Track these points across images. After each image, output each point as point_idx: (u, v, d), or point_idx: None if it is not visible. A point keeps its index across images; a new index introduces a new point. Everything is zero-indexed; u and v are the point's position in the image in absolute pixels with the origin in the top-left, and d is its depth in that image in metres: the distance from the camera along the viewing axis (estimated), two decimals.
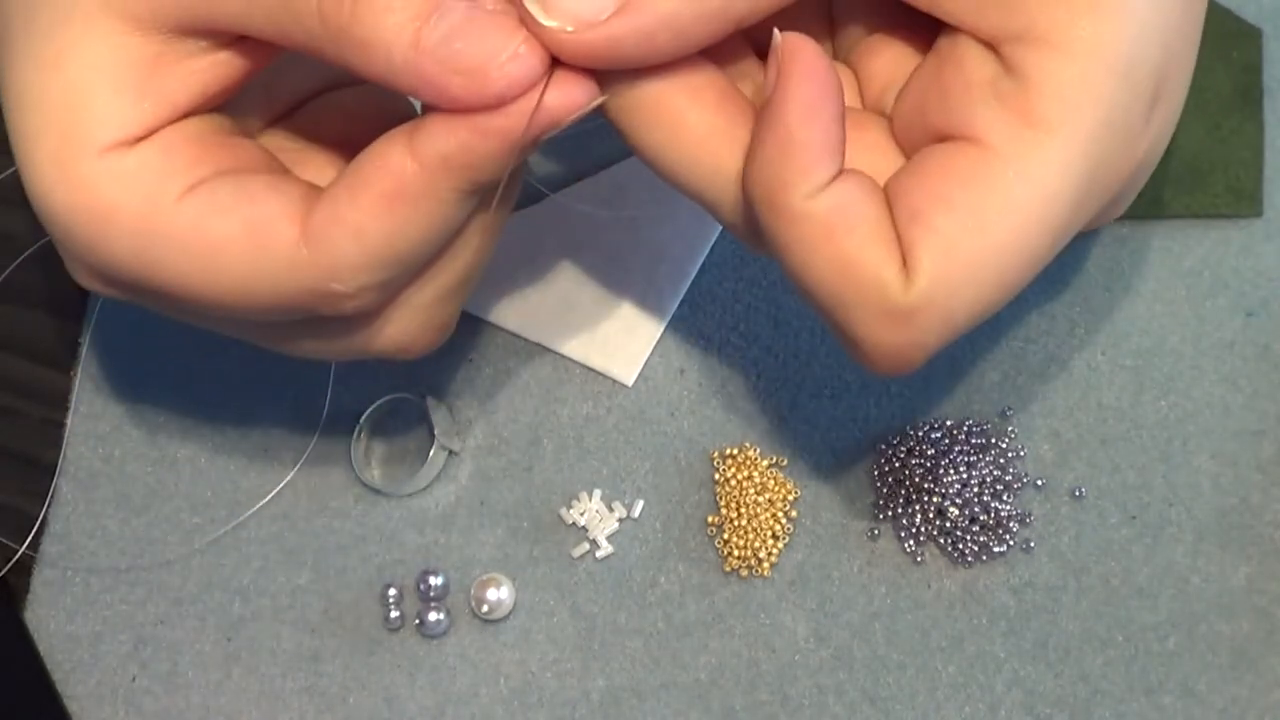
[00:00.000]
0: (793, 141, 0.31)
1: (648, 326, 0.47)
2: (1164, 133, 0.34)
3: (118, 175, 0.33)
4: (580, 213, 0.47)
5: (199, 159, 0.34)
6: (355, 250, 0.33)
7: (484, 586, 0.46)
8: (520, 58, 0.31)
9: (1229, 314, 0.45)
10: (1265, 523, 0.43)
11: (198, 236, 0.33)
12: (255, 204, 0.33)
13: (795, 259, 0.32)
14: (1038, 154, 0.31)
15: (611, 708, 0.45)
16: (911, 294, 0.31)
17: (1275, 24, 0.46)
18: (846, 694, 0.44)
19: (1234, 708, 0.43)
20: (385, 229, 0.33)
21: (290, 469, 0.47)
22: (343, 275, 0.33)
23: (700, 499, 0.46)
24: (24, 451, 0.49)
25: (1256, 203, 0.45)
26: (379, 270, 0.33)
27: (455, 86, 0.31)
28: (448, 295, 0.37)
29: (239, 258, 0.33)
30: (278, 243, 0.33)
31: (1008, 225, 0.31)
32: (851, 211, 0.31)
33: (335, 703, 0.46)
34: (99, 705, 0.47)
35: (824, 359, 0.46)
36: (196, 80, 0.34)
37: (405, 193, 0.32)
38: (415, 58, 0.31)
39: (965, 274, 0.31)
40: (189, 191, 0.33)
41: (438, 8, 0.31)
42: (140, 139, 0.33)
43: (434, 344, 0.38)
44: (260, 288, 0.33)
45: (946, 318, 0.31)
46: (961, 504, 0.44)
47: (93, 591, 0.48)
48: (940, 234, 0.31)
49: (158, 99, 0.33)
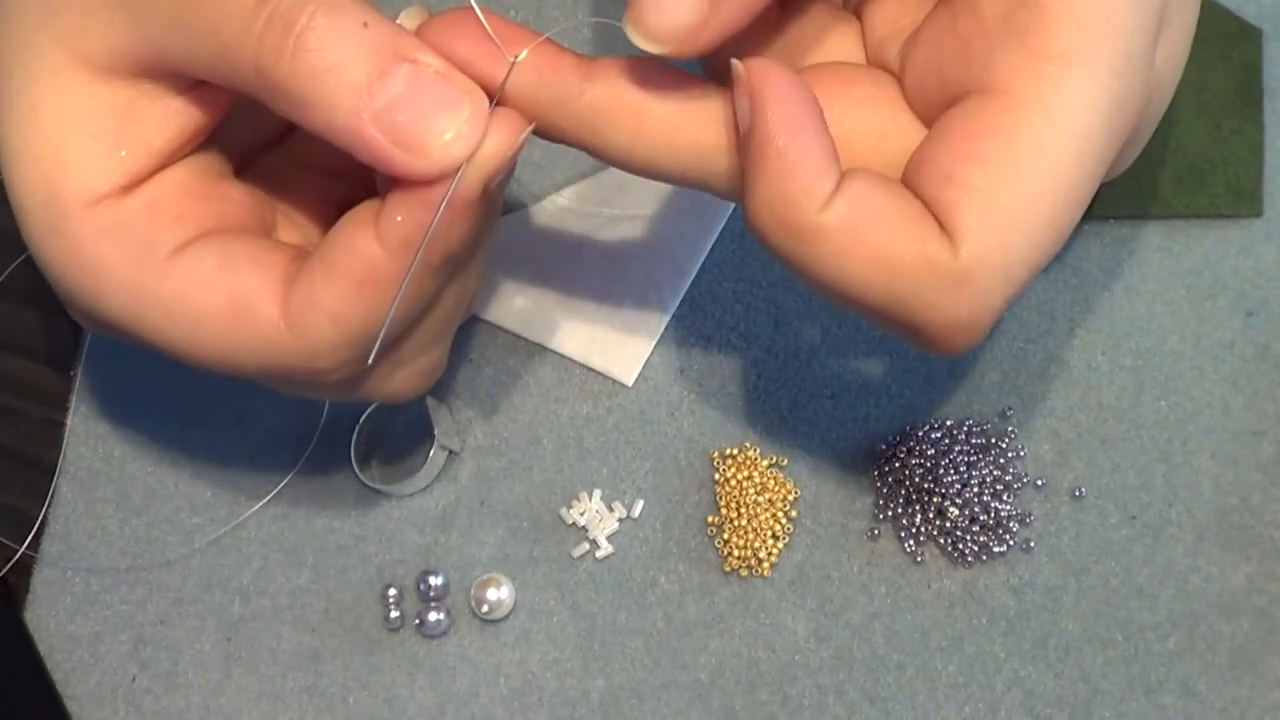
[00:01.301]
0: (788, 162, 0.30)
1: (648, 326, 0.47)
2: (1171, 64, 0.33)
3: (105, 232, 0.33)
4: (580, 213, 0.47)
5: (185, 215, 0.34)
6: (333, 334, 0.33)
7: (484, 586, 0.46)
8: (462, 136, 0.31)
9: (1229, 314, 0.45)
10: (1265, 523, 0.43)
11: (182, 306, 0.33)
12: (238, 277, 0.33)
13: (830, 273, 0.31)
14: (1062, 91, 0.30)
15: (611, 708, 0.45)
16: (962, 257, 0.30)
17: (1275, 24, 0.46)
18: (846, 694, 0.44)
19: (1234, 708, 0.43)
20: (360, 314, 0.33)
21: (290, 469, 0.47)
22: (322, 356, 0.33)
23: (700, 499, 0.46)
24: (24, 451, 0.49)
25: (1256, 203, 0.45)
26: (359, 348, 0.34)
27: (397, 160, 0.31)
28: (432, 343, 0.37)
29: (222, 330, 0.33)
30: (259, 321, 0.33)
31: (1045, 170, 0.30)
32: (870, 207, 0.30)
33: (335, 703, 0.46)
34: (99, 705, 0.47)
35: (824, 359, 0.46)
36: (171, 124, 0.34)
37: (376, 278, 0.32)
38: (357, 124, 0.30)
39: (1012, 226, 0.30)
40: (175, 254, 0.33)
41: (380, 73, 0.30)
42: (126, 188, 0.33)
43: (425, 387, 0.38)
44: (244, 359, 0.34)
45: (1005, 273, 0.31)
46: (961, 504, 0.44)
47: (93, 591, 0.48)
48: (978, 191, 0.30)
49: (134, 146, 0.33)
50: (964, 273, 0.30)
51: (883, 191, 0.31)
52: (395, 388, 0.37)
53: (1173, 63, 0.33)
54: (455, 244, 0.33)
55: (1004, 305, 0.32)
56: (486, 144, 0.31)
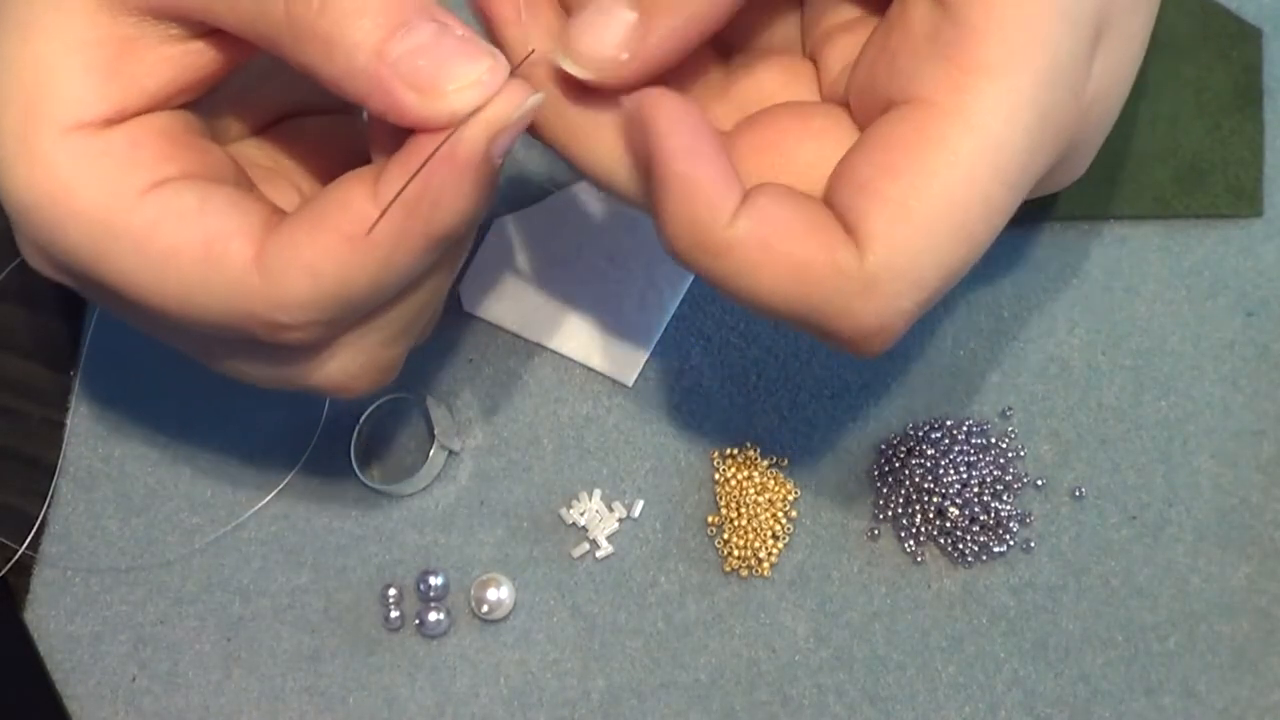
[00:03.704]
0: (689, 186, 0.31)
1: (648, 326, 0.47)
2: (1112, 81, 0.33)
3: (80, 158, 0.32)
4: (580, 212, 0.47)
5: (166, 156, 0.33)
6: (306, 287, 0.32)
7: (484, 586, 0.46)
8: (478, 85, 0.31)
9: (1229, 314, 0.45)
10: (1265, 523, 0.43)
11: (153, 239, 0.32)
12: (215, 217, 0.33)
13: (745, 285, 0.32)
14: (981, 102, 0.31)
15: (611, 708, 0.45)
16: (869, 263, 0.31)
17: (1275, 24, 0.46)
18: (846, 694, 0.44)
19: (1234, 708, 0.43)
20: (339, 271, 0.32)
21: (290, 469, 0.47)
22: (290, 308, 0.33)
23: (700, 499, 0.46)
24: (24, 451, 0.49)
25: (1256, 203, 0.45)
26: (327, 309, 0.33)
27: (408, 100, 0.31)
28: (394, 339, 0.36)
29: (190, 269, 0.32)
30: (230, 262, 0.32)
31: (958, 179, 0.31)
32: (776, 220, 0.31)
33: (335, 703, 0.46)
34: (99, 705, 0.47)
35: (824, 359, 0.46)
36: (168, 69, 0.33)
37: (363, 235, 0.32)
38: (376, 65, 0.30)
39: (921, 233, 0.31)
40: (152, 189, 0.33)
41: (406, 24, 0.31)
42: (108, 123, 0.33)
43: (375, 385, 0.37)
44: (206, 302, 0.33)
45: (913, 279, 0.31)
46: (961, 504, 0.44)
47: (93, 591, 0.48)
48: (888, 200, 0.31)
49: (127, 82, 0.33)
50: (871, 279, 0.31)
51: (789, 204, 0.32)
52: (345, 376, 0.36)
53: (1117, 70, 0.33)
54: (448, 214, 0.32)
55: (916, 310, 0.32)
56: (498, 101, 0.31)
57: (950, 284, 0.32)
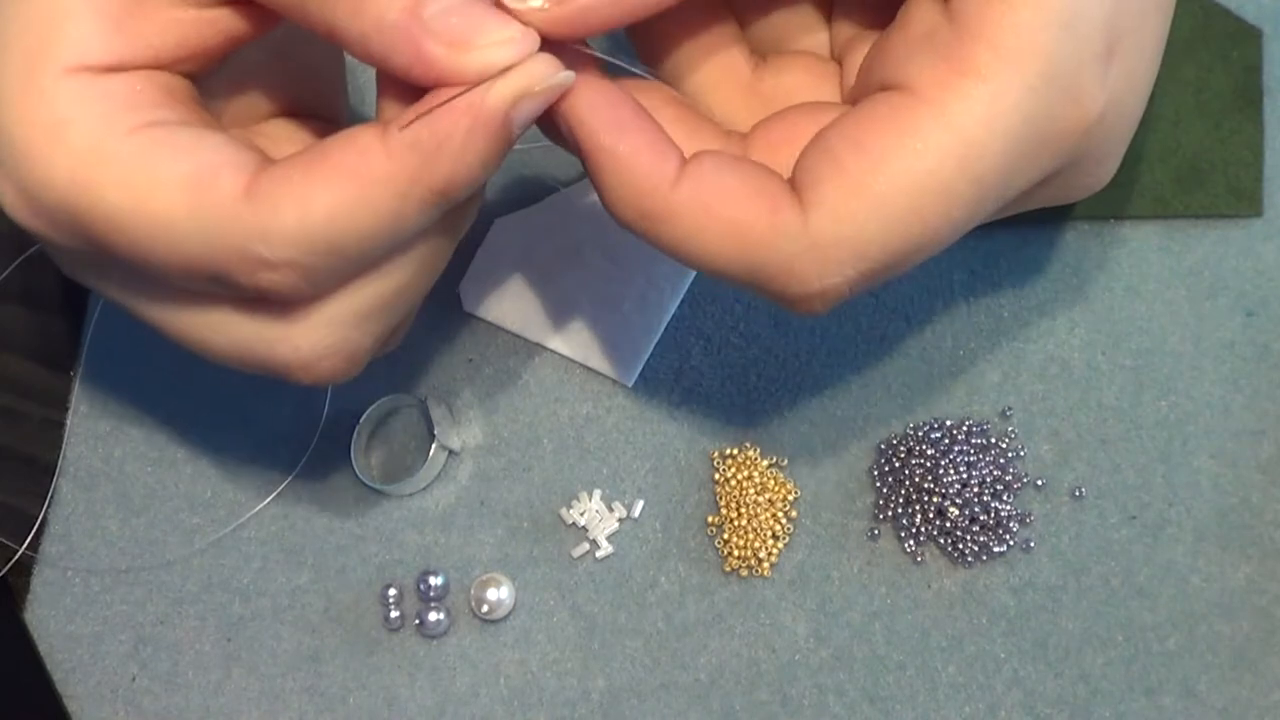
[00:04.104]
0: (623, 156, 0.32)
1: (648, 326, 0.47)
2: (1127, 94, 0.34)
3: (78, 96, 0.32)
4: (580, 212, 0.47)
5: (164, 104, 0.33)
6: (294, 216, 0.32)
7: (484, 586, 0.46)
8: (510, 42, 0.31)
9: (1229, 314, 0.45)
10: (1265, 523, 0.43)
11: (141, 169, 0.32)
12: (208, 151, 0.32)
13: (690, 248, 0.33)
14: (962, 100, 0.31)
15: (611, 708, 0.45)
16: (811, 223, 0.32)
17: (1275, 24, 0.46)
18: (846, 694, 0.44)
19: (1234, 708, 0.43)
20: (331, 205, 0.32)
21: (290, 469, 0.47)
22: (273, 240, 0.32)
23: (700, 499, 0.46)
24: (24, 451, 0.49)
25: (1256, 203, 0.45)
26: (311, 248, 0.32)
27: (435, 54, 0.31)
28: (367, 317, 0.35)
29: (175, 197, 0.32)
30: (219, 191, 0.32)
31: (920, 166, 0.31)
32: (717, 182, 0.32)
33: (335, 703, 0.46)
34: (99, 705, 0.47)
35: (824, 359, 0.46)
36: (178, 31, 0.34)
37: (362, 174, 0.32)
38: (407, 21, 0.31)
39: (870, 206, 0.32)
40: (146, 126, 0.33)
41: None
42: (110, 70, 0.33)
43: (340, 372, 0.36)
44: (188, 234, 0.32)
45: (856, 248, 0.32)
46: (961, 504, 0.44)
47: (93, 591, 0.48)
48: (846, 170, 0.32)
49: (134, 35, 0.33)
50: (812, 240, 0.32)
51: (731, 168, 0.33)
52: (309, 352, 0.35)
53: (1132, 80, 0.34)
54: (458, 168, 0.32)
55: (859, 279, 0.33)
56: (532, 62, 0.32)
57: (898, 263, 0.33)
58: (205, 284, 0.34)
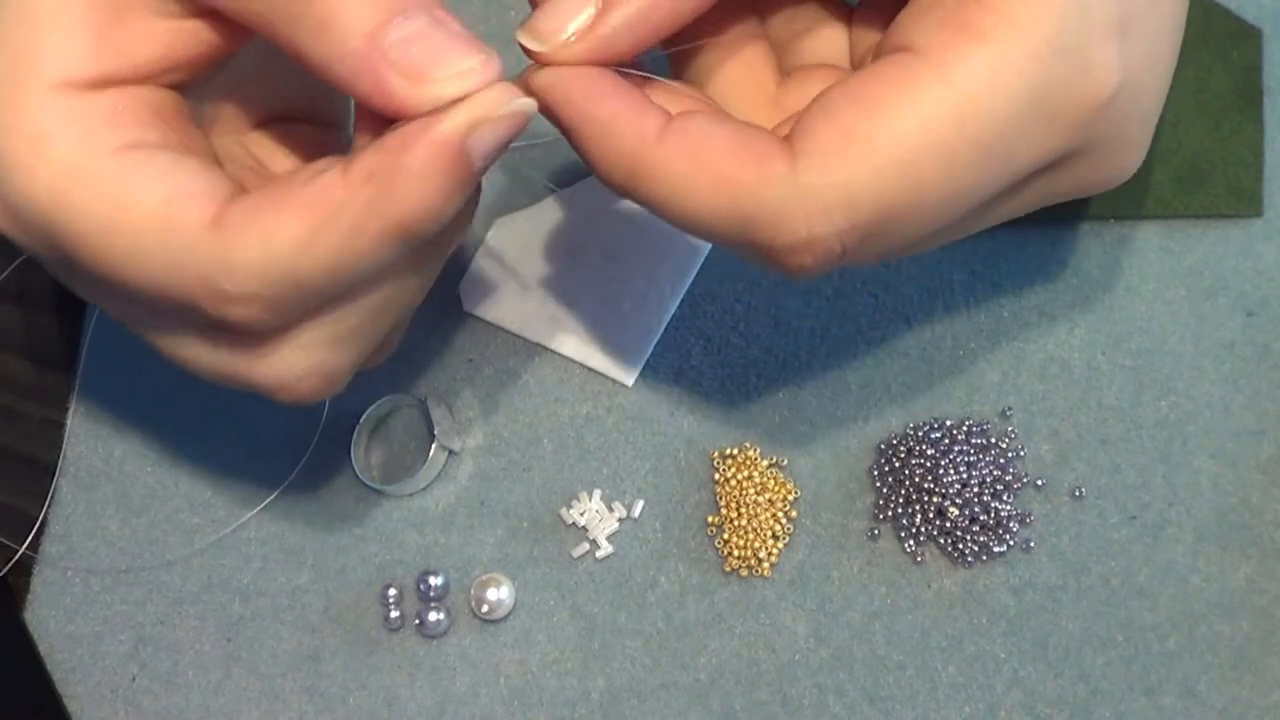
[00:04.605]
0: (602, 119, 0.32)
1: (648, 326, 0.47)
2: (1145, 76, 0.34)
3: (61, 113, 0.32)
4: (580, 212, 0.47)
5: (146, 124, 0.33)
6: (257, 251, 0.32)
7: (484, 586, 0.46)
8: (468, 74, 0.31)
9: (1229, 314, 0.45)
10: (1265, 523, 0.43)
11: (117, 191, 0.32)
12: (182, 178, 0.32)
13: (680, 202, 0.32)
14: (965, 61, 0.31)
15: (611, 708, 0.45)
16: (799, 172, 0.31)
17: (1275, 24, 0.46)
18: (846, 694, 0.44)
19: (1234, 708, 0.43)
20: (291, 239, 0.32)
21: (290, 469, 0.47)
22: (237, 274, 0.32)
23: (700, 499, 0.46)
24: (24, 451, 0.49)
25: (1256, 203, 0.45)
26: (274, 282, 0.32)
27: (395, 84, 0.31)
28: (343, 342, 0.35)
29: (147, 223, 0.32)
30: (188, 219, 0.32)
31: (915, 118, 0.31)
32: (706, 135, 0.32)
33: (335, 703, 0.46)
34: (99, 705, 0.47)
35: (824, 359, 0.46)
36: (160, 42, 0.34)
37: (322, 208, 0.31)
38: (368, 49, 0.31)
39: (861, 158, 0.31)
40: (126, 148, 0.33)
41: (403, 12, 0.31)
42: (94, 85, 0.33)
43: (318, 393, 0.36)
44: (157, 261, 0.32)
45: (845, 198, 0.32)
46: (961, 504, 0.44)
47: (93, 591, 0.48)
48: (839, 123, 0.32)
49: (116, 49, 0.33)
50: (801, 190, 0.31)
51: (718, 121, 0.33)
52: (287, 374, 0.35)
53: (1150, 60, 0.34)
54: (415, 203, 0.31)
55: (850, 232, 0.32)
56: (486, 93, 0.31)
57: (893, 221, 0.32)
58: (177, 310, 0.34)
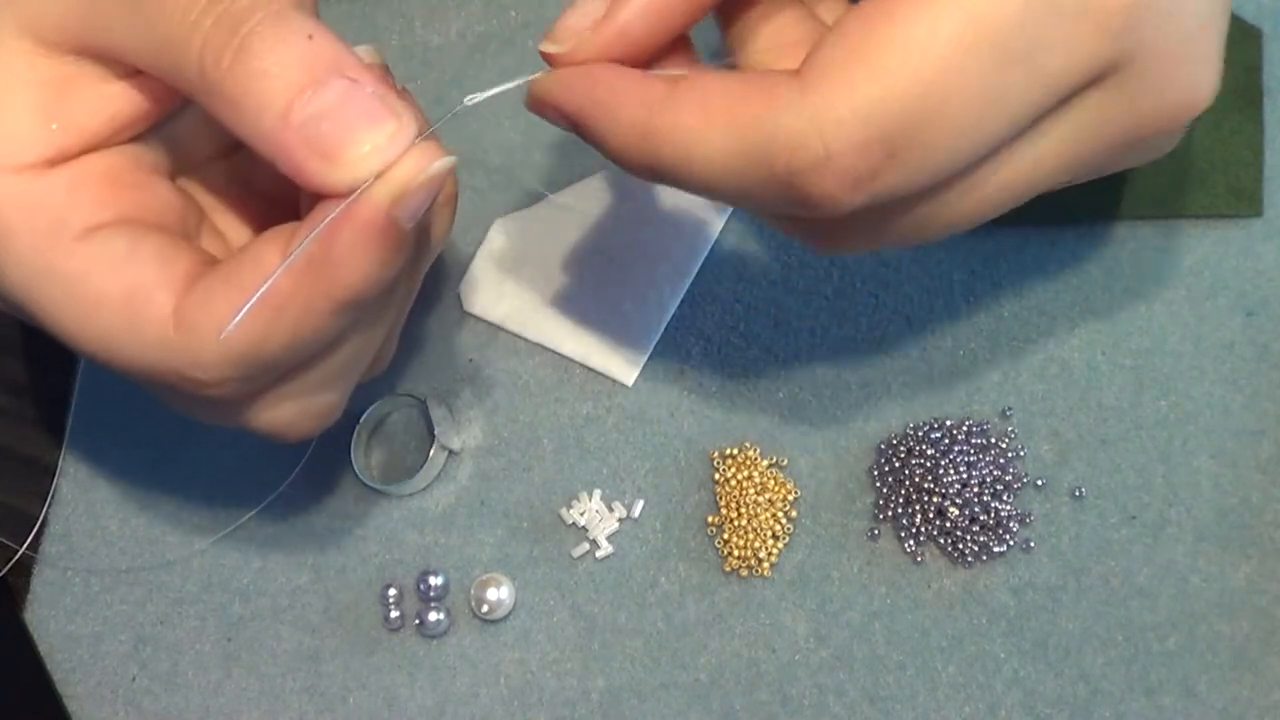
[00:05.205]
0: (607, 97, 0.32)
1: (648, 326, 0.47)
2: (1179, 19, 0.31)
3: (19, 202, 0.33)
4: (580, 213, 0.47)
5: (105, 200, 0.33)
6: (217, 348, 0.32)
7: (484, 586, 0.46)
8: (377, 151, 0.31)
9: (1229, 314, 0.45)
10: (1265, 523, 0.43)
11: (82, 285, 0.32)
12: (141, 266, 0.33)
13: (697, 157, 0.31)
14: None
15: (611, 708, 0.45)
16: (809, 92, 0.30)
17: (1275, 24, 0.46)
18: (846, 694, 0.44)
19: (1234, 708, 0.43)
20: (249, 335, 0.32)
21: (290, 469, 0.47)
22: (205, 367, 0.32)
23: (700, 499, 0.46)
24: (24, 451, 0.49)
25: (1256, 203, 0.45)
26: (241, 369, 0.33)
27: (311, 168, 0.30)
28: (327, 386, 0.36)
29: (114, 318, 0.32)
30: (150, 316, 0.32)
31: (925, 24, 0.29)
32: (713, 85, 0.31)
33: (335, 703, 0.46)
34: (99, 705, 0.47)
35: (824, 359, 0.46)
36: (108, 107, 0.33)
37: (273, 301, 0.32)
38: (281, 129, 0.30)
39: (871, 65, 0.30)
40: (86, 235, 0.33)
41: (317, 82, 0.30)
42: (52, 162, 0.33)
43: (313, 431, 0.37)
44: (129, 353, 0.33)
45: (858, 107, 0.30)
46: (961, 504, 0.44)
47: (93, 591, 0.48)
48: (849, 39, 0.30)
49: (67, 122, 0.33)
50: (811, 106, 0.30)
51: (724, 75, 0.32)
52: (280, 422, 0.36)
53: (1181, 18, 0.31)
54: (354, 278, 0.32)
55: (869, 148, 0.30)
56: (402, 164, 0.31)
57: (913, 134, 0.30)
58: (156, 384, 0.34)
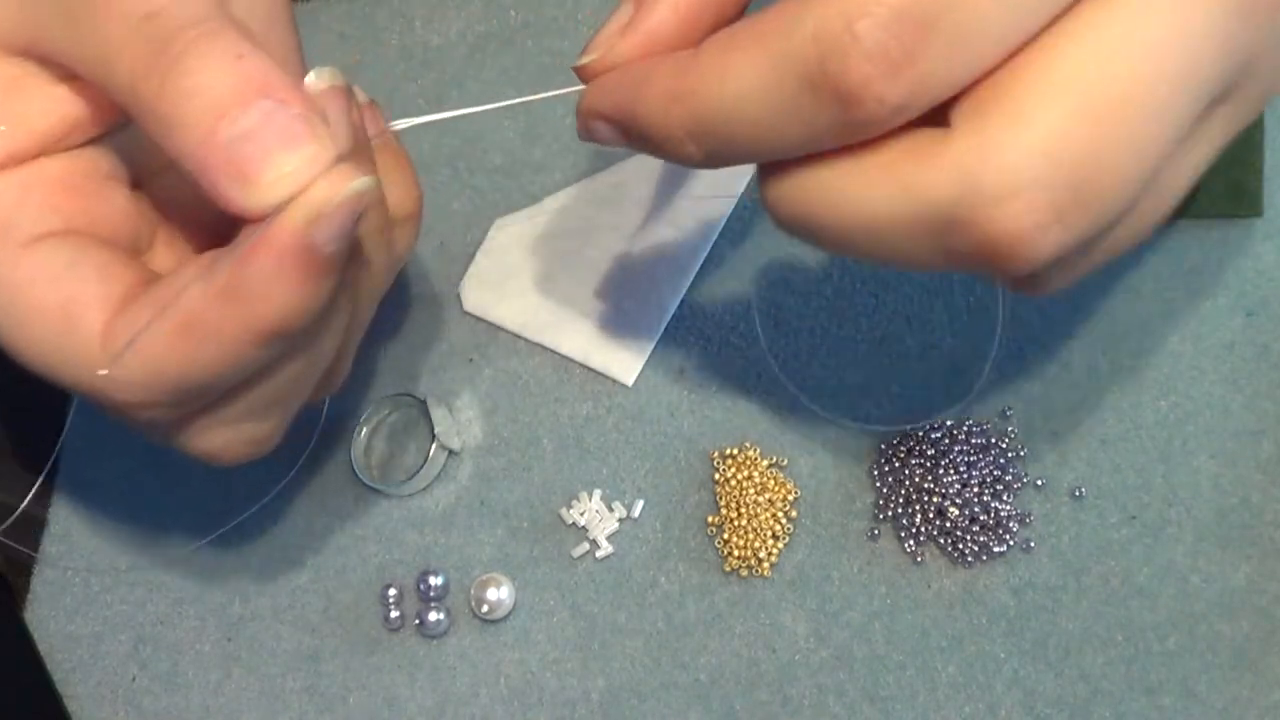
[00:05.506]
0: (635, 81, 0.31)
1: (648, 326, 0.47)
2: None
3: None
4: (580, 213, 0.47)
5: (56, 205, 0.33)
6: (141, 372, 0.32)
7: (484, 586, 0.46)
8: (294, 174, 0.30)
9: (1229, 314, 0.45)
10: (1265, 523, 0.43)
11: (24, 295, 0.32)
12: (79, 284, 0.32)
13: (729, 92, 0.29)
14: None
15: (611, 708, 0.45)
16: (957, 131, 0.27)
17: None
18: (846, 694, 0.44)
19: (1234, 708, 0.43)
20: (173, 359, 0.31)
21: (290, 469, 0.47)
22: (131, 390, 0.32)
23: (700, 499, 0.46)
24: (24, 451, 0.49)
25: (1256, 203, 0.45)
26: (164, 394, 0.32)
27: (229, 189, 0.30)
28: (263, 413, 0.35)
29: (48, 332, 0.32)
30: (82, 332, 0.32)
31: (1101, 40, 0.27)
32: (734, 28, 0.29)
33: (335, 703, 0.46)
34: (99, 705, 0.47)
35: (824, 359, 0.46)
36: (58, 109, 0.33)
37: (195, 327, 0.31)
38: (204, 149, 0.30)
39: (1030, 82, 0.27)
40: (32, 243, 0.32)
41: (241, 104, 0.30)
42: (2, 166, 0.33)
43: (250, 456, 0.36)
44: (62, 370, 0.33)
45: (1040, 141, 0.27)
46: (961, 504, 0.44)
47: (93, 591, 0.48)
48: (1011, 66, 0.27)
49: (15, 122, 0.33)
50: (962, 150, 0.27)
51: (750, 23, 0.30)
52: (212, 448, 0.36)
53: None
54: (275, 305, 0.31)
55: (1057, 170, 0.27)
56: (317, 186, 0.30)
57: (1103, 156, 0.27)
58: None
